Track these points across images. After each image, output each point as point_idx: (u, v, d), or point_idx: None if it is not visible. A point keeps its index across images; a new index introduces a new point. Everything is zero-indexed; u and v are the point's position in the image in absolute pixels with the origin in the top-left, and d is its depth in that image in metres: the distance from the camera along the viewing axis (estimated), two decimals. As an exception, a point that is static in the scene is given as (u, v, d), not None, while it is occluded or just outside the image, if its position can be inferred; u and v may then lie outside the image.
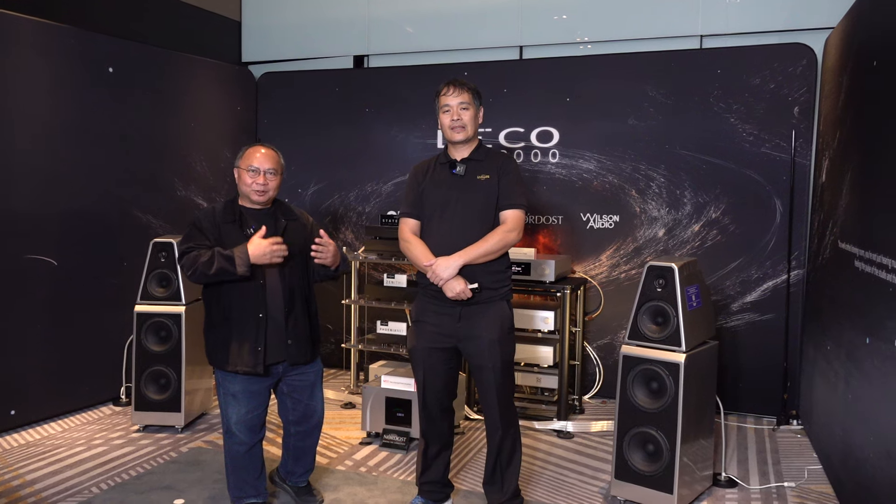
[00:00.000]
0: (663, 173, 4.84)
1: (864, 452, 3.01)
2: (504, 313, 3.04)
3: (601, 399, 5.02)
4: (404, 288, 4.88)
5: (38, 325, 4.36)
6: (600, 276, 5.04)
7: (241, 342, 2.97)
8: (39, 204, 4.33)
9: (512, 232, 2.98)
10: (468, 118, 3.01)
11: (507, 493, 3.11)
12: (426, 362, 3.07)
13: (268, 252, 2.91)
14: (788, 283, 4.57)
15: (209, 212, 3.07)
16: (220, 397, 3.09)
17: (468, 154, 3.06)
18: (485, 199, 3.00)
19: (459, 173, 3.03)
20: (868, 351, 2.99)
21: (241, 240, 2.98)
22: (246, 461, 3.11)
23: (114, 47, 4.74)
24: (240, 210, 3.08)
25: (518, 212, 3.01)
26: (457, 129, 3.00)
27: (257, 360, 2.97)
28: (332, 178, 5.74)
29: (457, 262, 2.91)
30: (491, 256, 2.96)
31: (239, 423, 3.05)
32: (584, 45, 5.22)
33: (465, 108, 3.00)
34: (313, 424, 3.25)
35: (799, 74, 4.51)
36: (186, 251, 2.96)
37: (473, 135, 3.06)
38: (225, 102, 5.66)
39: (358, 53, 5.86)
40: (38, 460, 3.85)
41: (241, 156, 3.11)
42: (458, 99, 3.00)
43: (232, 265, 2.87)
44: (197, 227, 3.00)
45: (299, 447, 3.27)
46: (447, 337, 3.03)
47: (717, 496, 3.51)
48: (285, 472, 3.36)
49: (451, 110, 3.00)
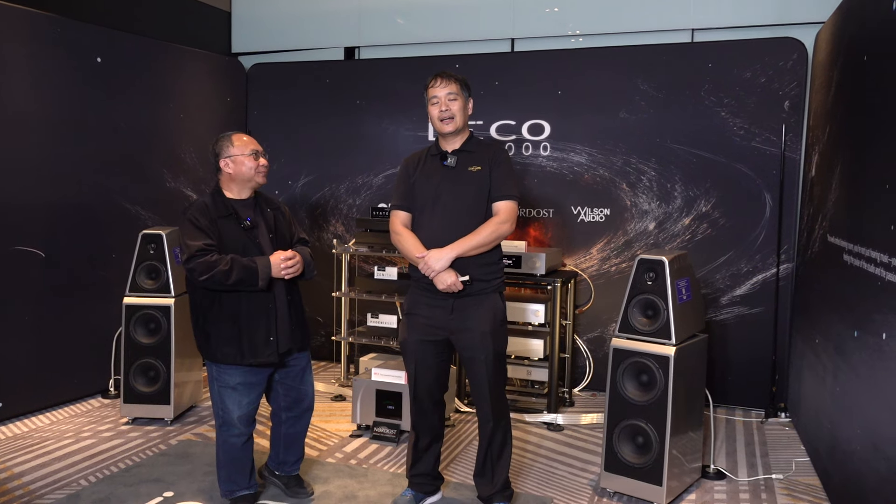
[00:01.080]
0: (654, 167, 4.85)
1: (851, 445, 3.03)
2: (497, 305, 3.03)
3: (591, 392, 5.04)
4: (395, 280, 4.87)
5: (26, 317, 4.33)
6: (591, 270, 5.04)
7: (252, 335, 2.98)
8: (27, 195, 4.29)
9: (504, 224, 2.97)
10: (457, 109, 2.99)
11: (497, 485, 3.12)
12: (418, 355, 3.07)
13: (283, 269, 2.98)
14: (777, 277, 4.59)
15: (202, 207, 2.99)
16: (216, 391, 3.07)
17: (459, 145, 3.06)
18: (476, 191, 3.00)
19: (450, 165, 3.03)
20: (856, 344, 3.01)
21: (238, 234, 2.98)
22: (242, 452, 3.13)
23: (102, 37, 4.69)
24: (230, 202, 3.06)
25: (511, 203, 3.00)
26: (445, 120, 2.99)
27: (272, 351, 3.01)
28: (322, 170, 5.72)
29: (449, 254, 2.90)
30: (484, 248, 2.96)
31: (241, 416, 3.07)
32: (576, 38, 5.21)
33: (453, 98, 2.99)
34: (304, 408, 3.28)
35: (789, 69, 4.52)
36: (198, 254, 2.87)
37: (463, 126, 3.05)
38: (214, 93, 5.63)
39: (349, 45, 5.83)
40: (26, 453, 3.83)
41: (228, 145, 3.05)
42: (446, 90, 2.99)
43: (254, 279, 2.91)
44: (196, 226, 2.93)
45: (290, 434, 3.29)
46: (439, 329, 3.03)
47: (705, 488, 3.53)
48: (276, 463, 3.36)
49: (440, 101, 2.99)
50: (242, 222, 3.02)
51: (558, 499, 3.40)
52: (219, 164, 3.06)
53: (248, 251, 2.99)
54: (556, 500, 3.38)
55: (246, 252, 2.98)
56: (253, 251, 3.00)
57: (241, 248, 2.99)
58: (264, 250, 3.03)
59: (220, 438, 3.13)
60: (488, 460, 3.12)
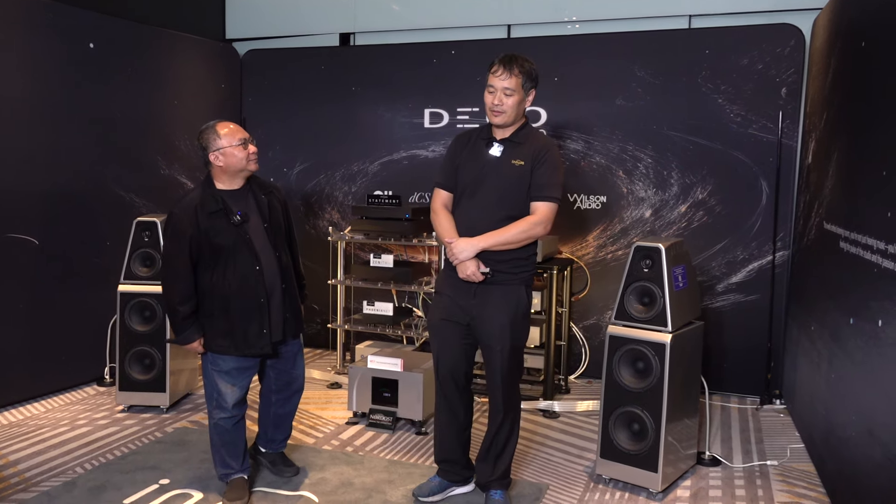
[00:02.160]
0: (650, 154, 4.84)
1: (845, 431, 3.04)
2: (521, 298, 2.98)
3: (587, 379, 5.04)
4: (391, 268, 4.86)
5: (21, 305, 4.31)
6: (587, 257, 5.04)
7: (245, 328, 3.02)
8: (20, 183, 4.26)
9: (539, 225, 2.90)
10: (510, 105, 2.89)
11: (496, 474, 3.11)
12: (441, 335, 3.06)
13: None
14: (773, 264, 4.59)
15: (188, 209, 2.95)
16: (209, 374, 3.12)
17: (509, 135, 2.97)
18: (514, 186, 2.92)
19: (495, 154, 2.97)
20: (852, 331, 3.01)
21: (228, 231, 2.97)
22: (234, 434, 3.18)
23: (95, 23, 4.65)
24: (221, 196, 3.01)
25: (549, 205, 2.92)
26: (496, 112, 2.91)
27: (264, 342, 3.05)
28: (318, 157, 5.69)
29: (476, 245, 2.87)
30: (512, 246, 2.90)
31: (233, 399, 3.11)
32: (572, 24, 5.18)
33: (509, 94, 2.88)
34: (294, 390, 3.36)
35: (787, 55, 4.50)
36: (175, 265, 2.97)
37: (514, 120, 2.95)
38: (209, 80, 5.59)
39: (344, 31, 5.78)
40: (22, 440, 3.82)
41: (215, 138, 3.01)
42: (505, 83, 2.88)
43: (175, 335, 3.05)
44: (178, 231, 2.95)
45: (280, 414, 3.38)
46: (461, 310, 2.99)
47: (700, 474, 3.54)
48: (264, 441, 3.45)
49: (496, 93, 2.90)
50: (233, 217, 2.98)
51: (554, 485, 3.41)
52: (208, 157, 3.02)
53: (238, 248, 2.98)
54: (552, 487, 3.39)
55: (236, 249, 2.98)
56: (243, 249, 2.99)
57: (232, 244, 2.97)
58: (255, 247, 3.01)
59: (212, 421, 3.18)
60: (493, 449, 3.09)
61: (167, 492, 3.27)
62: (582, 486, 3.42)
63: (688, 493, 3.35)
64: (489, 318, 2.95)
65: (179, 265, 2.96)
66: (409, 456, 3.71)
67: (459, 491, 3.24)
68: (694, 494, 3.33)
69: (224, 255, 2.97)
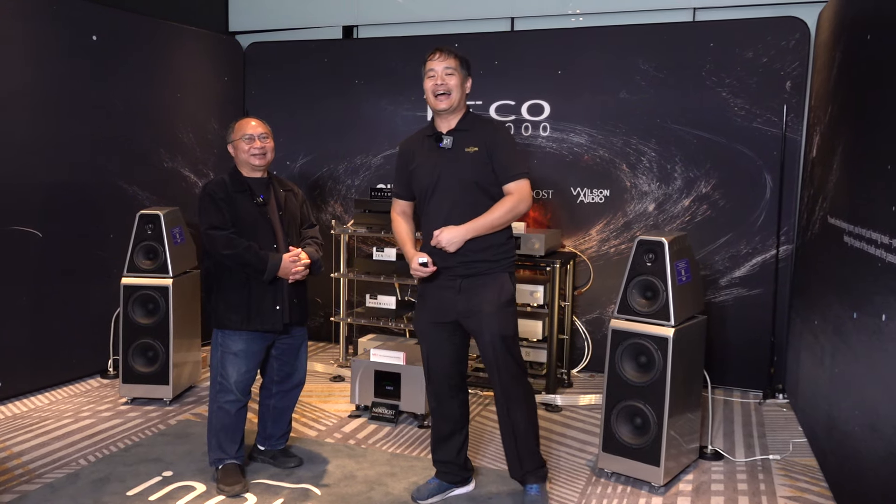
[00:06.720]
0: (654, 147, 4.82)
1: (848, 426, 3.04)
2: (504, 286, 2.96)
3: (589, 373, 5.04)
4: (394, 261, 4.86)
5: (24, 297, 4.32)
6: (590, 251, 5.03)
7: (260, 303, 3.16)
8: (23, 175, 4.26)
9: (522, 202, 2.91)
10: (453, 84, 2.89)
11: (526, 466, 3.04)
12: (429, 338, 3.05)
13: (291, 271, 3.16)
14: (777, 259, 4.58)
15: (221, 183, 3.22)
16: (218, 357, 3.22)
17: (455, 125, 2.96)
18: (473, 174, 2.91)
19: (446, 146, 2.95)
20: (855, 326, 3.01)
21: (252, 208, 3.19)
22: (234, 419, 3.25)
23: (98, 15, 4.64)
24: (246, 180, 3.25)
25: (522, 181, 2.93)
26: (441, 96, 2.89)
27: (277, 318, 3.19)
28: (320, 150, 5.69)
29: (464, 234, 2.86)
30: (499, 227, 2.91)
31: (238, 382, 3.20)
32: (576, 18, 5.16)
33: (450, 73, 2.90)
34: (294, 383, 3.44)
35: (792, 48, 4.48)
36: (219, 227, 3.10)
37: (459, 104, 2.94)
38: (212, 73, 5.58)
39: (347, 24, 5.77)
40: (26, 432, 3.84)
41: (231, 131, 3.29)
42: (444, 63, 2.90)
43: (262, 269, 3.10)
44: (213, 199, 3.15)
45: (279, 407, 3.44)
46: (448, 311, 2.98)
47: (702, 468, 3.54)
48: (262, 438, 3.49)
49: (436, 75, 2.90)
50: (256, 198, 3.22)
51: (556, 479, 3.41)
52: (228, 148, 3.32)
53: (260, 225, 3.20)
54: (554, 481, 3.39)
55: (257, 225, 3.19)
56: (264, 225, 3.21)
57: (253, 221, 3.19)
58: (274, 225, 3.23)
59: (214, 405, 3.24)
60: (508, 439, 3.05)
61: (170, 484, 3.28)
62: (584, 479, 3.42)
63: (690, 487, 3.35)
64: (478, 311, 2.92)
65: (221, 224, 3.11)
66: (411, 449, 3.72)
67: (459, 491, 3.22)
68: (696, 489, 3.33)
69: (245, 231, 3.16)
